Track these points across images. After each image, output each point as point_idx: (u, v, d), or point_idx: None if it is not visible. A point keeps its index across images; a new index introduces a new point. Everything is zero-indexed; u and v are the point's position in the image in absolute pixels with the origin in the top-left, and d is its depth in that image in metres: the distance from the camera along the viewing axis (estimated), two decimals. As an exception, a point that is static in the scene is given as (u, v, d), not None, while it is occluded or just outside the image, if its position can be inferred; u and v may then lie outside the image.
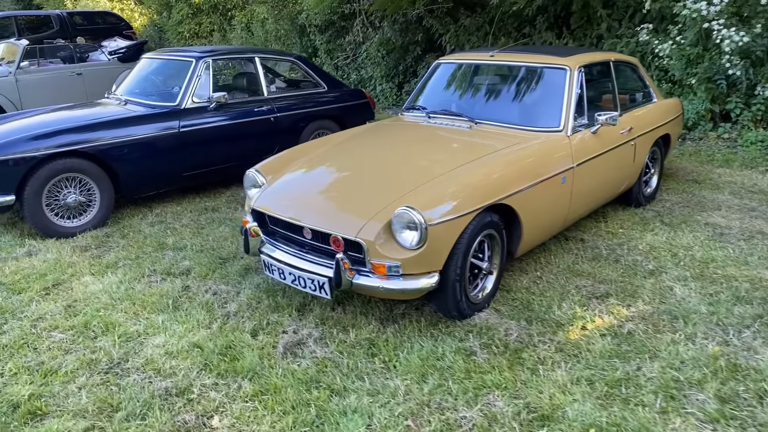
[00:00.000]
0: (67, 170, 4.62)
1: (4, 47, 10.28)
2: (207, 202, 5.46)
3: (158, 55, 5.95)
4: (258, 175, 3.72)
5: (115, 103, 5.49)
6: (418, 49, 10.34)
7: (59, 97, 10.08)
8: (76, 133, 4.70)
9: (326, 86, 6.37)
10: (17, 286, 3.76)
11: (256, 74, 5.86)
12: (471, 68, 4.56)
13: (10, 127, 4.96)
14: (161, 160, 5.12)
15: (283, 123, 5.89)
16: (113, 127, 4.89)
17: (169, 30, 15.33)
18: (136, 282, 3.80)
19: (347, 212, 3.19)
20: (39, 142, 4.52)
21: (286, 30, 12.36)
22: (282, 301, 3.47)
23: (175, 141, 5.16)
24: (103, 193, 4.83)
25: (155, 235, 4.64)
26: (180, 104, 5.26)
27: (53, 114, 5.35)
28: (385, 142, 4.06)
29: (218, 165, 5.55)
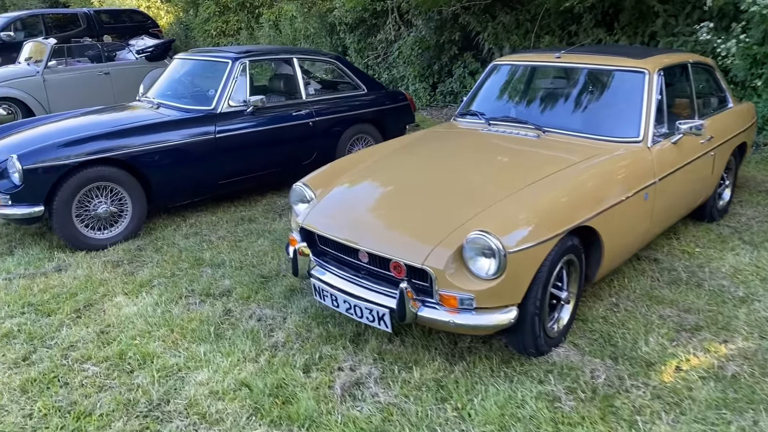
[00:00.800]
0: (98, 179, 4.35)
1: (32, 46, 10.12)
2: (243, 212, 5.16)
3: (191, 56, 5.66)
4: (306, 190, 3.39)
5: (147, 106, 5.21)
6: (453, 47, 9.95)
7: (86, 97, 9.90)
8: (107, 139, 4.43)
9: (365, 88, 6.03)
10: (46, 307, 3.49)
11: (294, 76, 5.54)
12: (534, 70, 4.18)
13: (39, 133, 4.71)
14: (196, 167, 4.83)
15: (322, 127, 5.57)
16: (146, 132, 4.60)
17: (196, 28, 15.12)
18: (173, 304, 3.50)
19: (410, 235, 2.84)
20: (69, 149, 4.24)
21: (315, 28, 12.04)
22: (334, 330, 3.14)
23: (211, 147, 4.87)
24: (135, 203, 4.55)
25: (191, 248, 4.34)
26: (216, 108, 4.96)
27: (82, 118, 5.09)
28: (443, 152, 3.70)
29: (255, 172, 5.25)
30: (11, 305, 3.50)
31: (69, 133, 4.51)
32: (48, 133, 4.65)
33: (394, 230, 2.91)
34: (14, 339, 3.15)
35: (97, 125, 4.71)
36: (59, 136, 4.44)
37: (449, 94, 10.02)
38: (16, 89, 9.12)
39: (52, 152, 4.19)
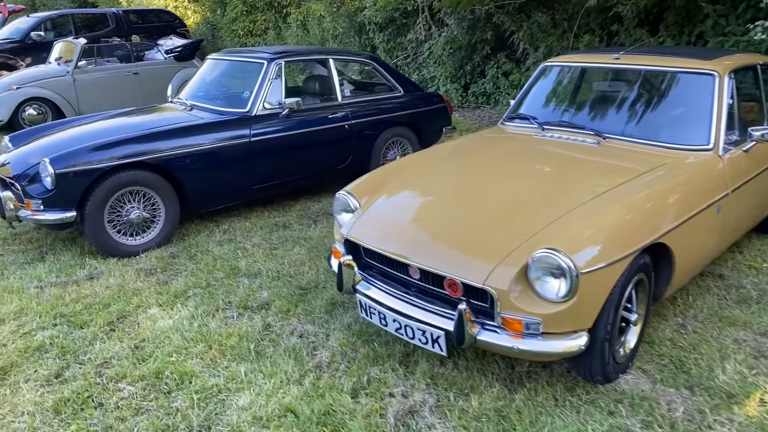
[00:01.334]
0: (131, 183, 4.21)
1: (62, 46, 10.11)
2: (277, 217, 4.99)
3: (225, 56, 5.51)
4: (350, 198, 3.20)
5: (180, 108, 5.07)
6: (486, 47, 9.69)
7: (115, 97, 9.85)
8: (140, 142, 4.29)
9: (401, 89, 5.82)
10: (79, 318, 3.34)
11: (330, 77, 5.36)
12: (589, 72, 3.94)
13: (69, 136, 4.59)
14: (231, 171, 4.67)
15: (358, 130, 5.38)
16: (180, 135, 4.45)
17: (223, 28, 15.06)
18: (209, 317, 3.33)
19: (468, 251, 2.63)
20: (102, 153, 4.11)
21: (343, 28, 11.87)
22: (381, 349, 2.94)
23: (246, 151, 4.70)
24: (168, 208, 4.41)
25: (225, 257, 4.18)
26: (251, 111, 4.80)
27: (114, 121, 4.97)
28: (496, 160, 3.47)
29: (289, 177, 5.08)
30: (43, 316, 3.36)
31: (101, 135, 4.38)
32: (80, 135, 4.53)
33: (449, 245, 2.70)
34: (46, 353, 3.01)
35: (129, 128, 4.58)
36: (91, 139, 4.31)
37: (482, 95, 9.77)
38: (47, 89, 9.10)
39: (85, 156, 4.06)
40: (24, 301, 3.56)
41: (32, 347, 3.05)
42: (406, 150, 5.86)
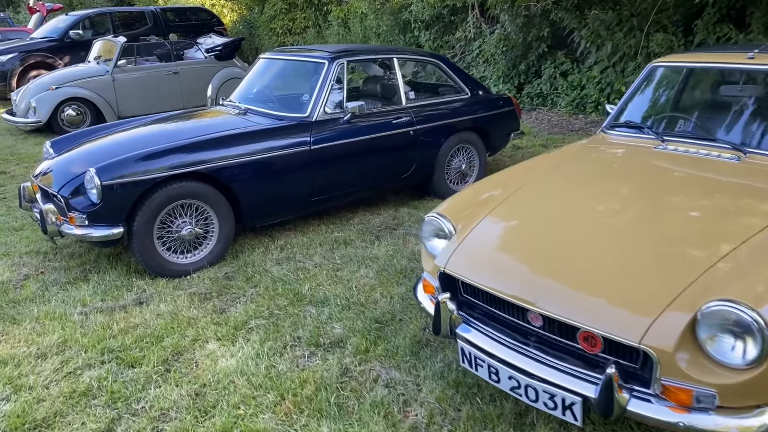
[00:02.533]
0: (183, 196, 3.80)
1: (101, 45, 9.85)
2: (336, 232, 4.54)
3: (280, 56, 5.07)
4: (444, 222, 2.72)
5: (232, 112, 4.65)
6: (542, 46, 9.13)
7: (155, 97, 9.55)
8: (195, 150, 3.87)
9: (469, 91, 5.32)
10: (129, 354, 2.93)
11: (394, 78, 4.89)
12: (709, 74, 3.39)
13: (115, 143, 4.21)
14: (289, 182, 4.24)
15: (423, 136, 4.90)
16: (237, 143, 4.03)
17: (261, 26, 14.72)
18: (277, 356, 2.89)
19: (614, 298, 2.12)
20: (152, 163, 3.71)
21: (387, 26, 11.40)
22: (487, 408, 2.45)
23: (306, 159, 4.26)
24: (222, 222, 3.99)
25: (286, 279, 3.74)
26: (311, 116, 4.35)
27: (162, 126, 4.58)
28: (615, 180, 2.94)
29: (350, 187, 4.63)
30: (89, 350, 2.96)
31: (150, 143, 3.98)
32: (126, 143, 4.14)
33: (587, 289, 2.19)
34: (94, 399, 2.59)
35: (180, 134, 4.17)
36: (139, 146, 3.91)
37: (537, 96, 9.20)
38: (86, 89, 8.83)
39: (134, 166, 3.66)
40: (68, 330, 3.16)
41: (78, 391, 2.64)
42: (472, 157, 5.36)
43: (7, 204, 5.45)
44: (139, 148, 3.88)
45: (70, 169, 3.93)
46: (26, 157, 7.28)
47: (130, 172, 3.63)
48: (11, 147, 7.93)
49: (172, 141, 3.97)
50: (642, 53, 7.60)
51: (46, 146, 4.50)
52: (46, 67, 11.98)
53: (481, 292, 2.44)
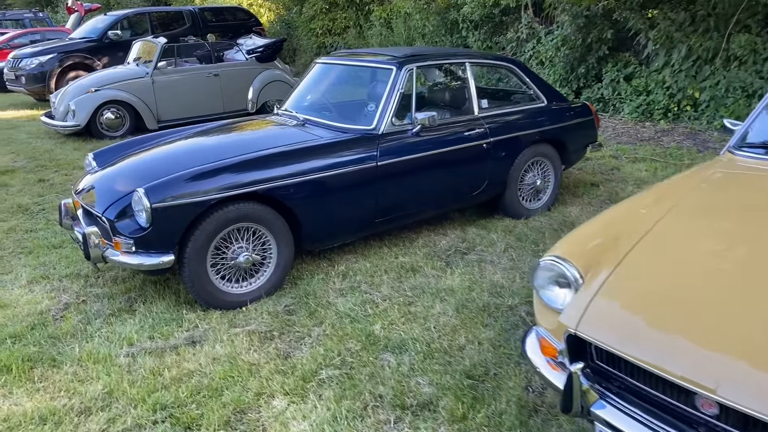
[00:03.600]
0: (240, 219, 3.39)
1: (141, 46, 9.57)
2: (401, 257, 4.08)
3: (339, 60, 4.62)
4: (566, 267, 2.22)
5: (290, 123, 4.22)
6: (603, 47, 8.54)
7: (194, 100, 9.22)
8: (253, 168, 3.45)
9: (545, 99, 4.81)
10: (185, 412, 2.52)
11: (466, 85, 4.41)
12: None
13: (163, 158, 3.84)
14: (354, 201, 3.80)
15: (497, 150, 4.41)
16: (299, 159, 3.60)
17: (300, 26, 14.37)
18: (357, 420, 2.44)
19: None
20: (206, 182, 3.29)
21: (433, 26, 10.92)
22: (632, 507, 1.96)
23: (373, 177, 3.81)
24: (281, 247, 3.57)
25: (353, 314, 3.30)
26: (377, 128, 3.90)
27: (211, 138, 4.19)
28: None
29: (417, 207, 4.17)
30: (140, 405, 2.56)
31: (202, 158, 3.58)
32: (175, 158, 3.76)
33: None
34: (148, 474, 2.19)
35: (235, 149, 3.76)
36: (190, 162, 3.52)
37: (597, 102, 8.61)
38: (125, 91, 8.55)
39: (187, 185, 3.26)
40: (113, 377, 2.77)
41: (129, 462, 2.23)
42: (547, 172, 4.85)
43: (46, 216, 5.13)
44: (190, 164, 3.48)
45: (115, 188, 3.55)
46: (65, 163, 7.00)
47: (183, 193, 3.22)
48: (50, 152, 7.67)
49: (226, 157, 3.55)
50: (722, 56, 6.98)
51: (88, 158, 4.15)
52: (84, 68, 11.81)
53: (623, 361, 1.95)
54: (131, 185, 3.41)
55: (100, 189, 3.64)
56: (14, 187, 6.01)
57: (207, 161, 3.51)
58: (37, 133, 9.05)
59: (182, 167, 3.46)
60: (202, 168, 3.37)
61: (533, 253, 4.10)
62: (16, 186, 6.06)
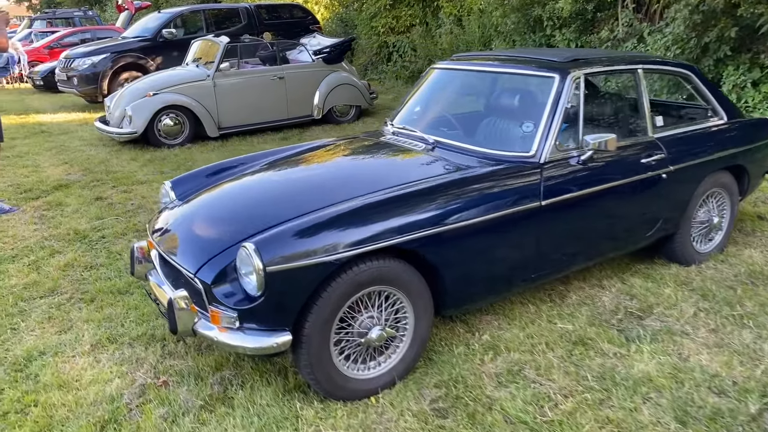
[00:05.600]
0: (374, 281, 2.51)
1: (200, 45, 8.85)
2: (558, 322, 3.14)
3: (469, 66, 3.69)
4: None
5: (417, 147, 3.30)
6: (725, 48, 7.40)
7: (258, 105, 8.42)
8: (393, 212, 2.56)
9: (725, 115, 3.80)
10: None
11: (638, 98, 3.43)
12: None
13: (257, 195, 3.02)
14: (510, 252, 2.89)
15: (677, 180, 3.43)
16: (447, 199, 2.69)
17: (360, 24, 13.50)
18: None
19: None
20: (335, 233, 2.42)
21: (514, 23, 9.90)
22: None
23: (535, 219, 2.89)
24: (419, 315, 2.68)
25: (530, 422, 2.38)
26: (537, 155, 2.97)
27: (317, 167, 3.33)
28: None
29: (585, 257, 3.24)
30: None
31: (317, 196, 2.73)
32: (281, 195, 2.93)
33: None
34: None
35: (357, 182, 2.90)
36: (305, 202, 2.67)
37: (717, 111, 7.47)
38: (185, 95, 7.82)
39: (312, 238, 2.38)
40: None
41: None
42: (723, 206, 3.85)
43: (107, 247, 4.36)
44: (305, 205, 2.63)
45: (206, 235, 2.72)
46: (123, 177, 6.28)
47: (308, 249, 2.35)
48: (105, 162, 6.98)
49: (349, 195, 2.68)
50: None
51: (165, 188, 3.33)
52: (137, 68, 11.22)
53: None
54: (231, 234, 2.57)
55: (186, 234, 2.81)
56: (69, 207, 5.29)
57: (324, 200, 2.65)
58: (90, 139, 8.41)
59: (295, 209, 2.61)
60: (328, 214, 2.50)
61: (736, 321, 3.11)
62: (71, 205, 5.34)
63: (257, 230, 2.51)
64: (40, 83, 14.20)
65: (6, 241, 4.50)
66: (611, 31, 8.91)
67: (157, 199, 5.24)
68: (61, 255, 4.23)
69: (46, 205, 5.36)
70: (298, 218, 2.50)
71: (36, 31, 19.90)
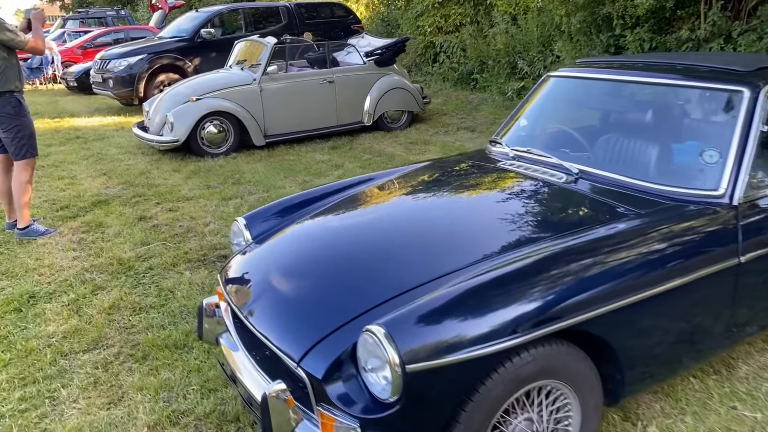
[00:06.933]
0: (538, 375, 1.84)
1: (244, 46, 8.26)
2: (739, 405, 2.42)
3: (607, 75, 2.98)
4: None
5: (554, 177, 2.62)
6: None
7: (306, 112, 7.81)
8: (563, 280, 1.88)
9: None
10: None
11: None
12: None
13: (363, 247, 2.37)
14: (700, 320, 2.19)
15: None
16: (622, 258, 2.01)
17: (405, 23, 12.82)
18: None
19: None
20: (483, 314, 1.75)
21: (580, 22, 9.13)
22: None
23: (731, 280, 2.19)
24: (586, 411, 2.00)
25: None
26: (728, 194, 2.27)
27: (423, 203, 2.67)
28: None
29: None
30: None
31: (449, 252, 2.09)
32: (398, 245, 2.25)
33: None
34: None
35: (494, 231, 2.23)
36: (433, 261, 2.02)
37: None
38: (230, 101, 7.23)
39: (463, 320, 1.72)
40: None
41: None
42: None
43: (156, 282, 3.76)
44: (432, 261, 1.98)
45: (306, 302, 2.06)
46: (166, 192, 5.70)
47: (459, 337, 1.69)
48: (146, 174, 6.42)
49: (491, 250, 2.02)
50: None
51: (238, 226, 2.70)
52: (175, 69, 10.71)
53: None
54: (340, 305, 1.92)
55: (276, 299, 2.15)
56: (111, 229, 4.71)
57: (460, 256, 2.00)
58: (128, 146, 7.89)
59: (422, 270, 1.96)
60: (478, 282, 1.82)
61: None
62: (112, 226, 4.77)
63: (375, 302, 1.87)
64: (73, 84, 13.82)
65: (42, 273, 3.93)
66: (692, 30, 8.10)
67: (210, 223, 4.65)
68: (104, 292, 3.64)
69: (84, 226, 4.79)
70: (432, 285, 1.85)
71: (69, 30, 19.66)
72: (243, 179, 6.08)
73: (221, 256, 4.11)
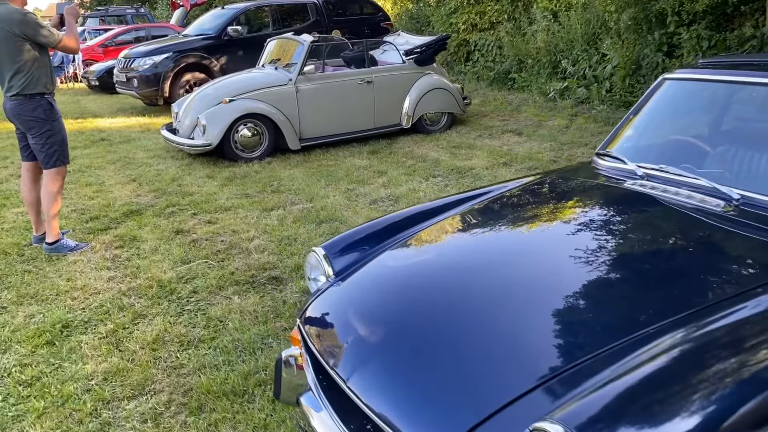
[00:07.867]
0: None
1: (277, 45, 7.85)
2: None
3: (748, 76, 2.52)
4: None
5: (716, 207, 2.15)
6: None
7: (343, 113, 7.36)
8: None
9: None
10: None
11: None
12: None
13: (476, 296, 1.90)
14: None
15: None
16: None
17: (437, 21, 12.35)
18: None
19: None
20: (705, 410, 1.30)
21: (631, 19, 8.61)
22: None
23: None
24: None
25: None
26: None
27: (564, 238, 2.21)
28: None
29: None
30: None
31: (614, 314, 1.61)
32: (533, 301, 1.80)
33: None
34: None
35: (666, 287, 1.76)
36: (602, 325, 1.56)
37: None
38: (265, 102, 6.82)
39: (678, 418, 1.27)
40: None
41: None
42: None
43: (202, 309, 3.34)
44: (602, 324, 1.52)
45: (427, 369, 1.62)
46: (202, 200, 5.30)
47: None
48: (178, 180, 6.03)
49: (673, 314, 1.56)
50: None
51: (316, 257, 2.26)
52: (201, 68, 10.35)
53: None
54: (473, 382, 1.48)
55: (381, 362, 1.71)
56: (146, 244, 4.31)
57: (631, 321, 1.54)
58: (155, 150, 7.51)
59: (589, 338, 1.50)
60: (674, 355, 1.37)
61: None
62: (147, 241, 4.36)
63: (526, 384, 1.41)
64: (95, 84, 13.53)
65: (75, 296, 3.53)
66: (755, 27, 7.56)
67: (255, 238, 4.13)
68: (145, 321, 3.23)
69: (118, 241, 4.39)
70: (597, 363, 1.39)
71: (89, 29, 19.40)
72: (282, 187, 5.67)
73: (271, 278, 3.69)
